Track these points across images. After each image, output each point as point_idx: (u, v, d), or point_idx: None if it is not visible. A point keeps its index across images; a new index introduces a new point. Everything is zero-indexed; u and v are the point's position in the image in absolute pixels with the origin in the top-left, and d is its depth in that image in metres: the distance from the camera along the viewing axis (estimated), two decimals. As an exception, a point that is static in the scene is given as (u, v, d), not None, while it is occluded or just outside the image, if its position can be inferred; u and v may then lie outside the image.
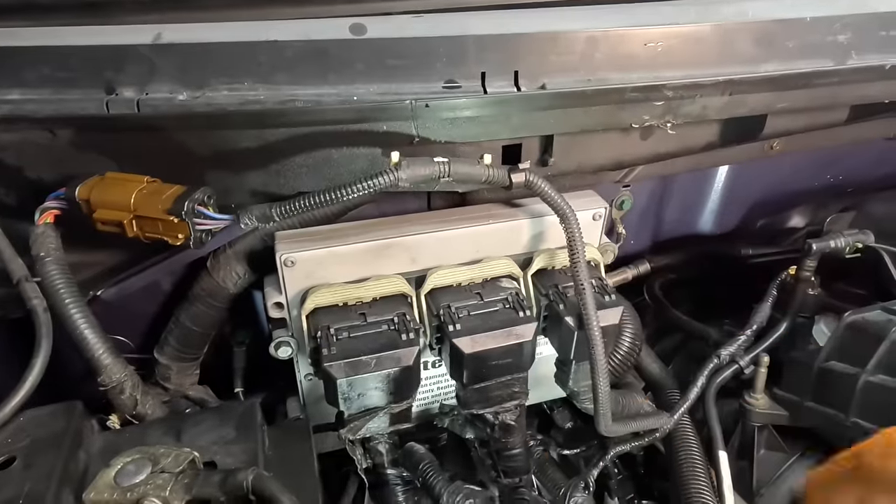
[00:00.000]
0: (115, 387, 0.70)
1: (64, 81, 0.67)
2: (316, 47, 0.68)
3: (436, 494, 0.68)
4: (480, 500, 0.64)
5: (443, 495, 0.66)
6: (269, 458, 0.70)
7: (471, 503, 0.63)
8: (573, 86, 0.71)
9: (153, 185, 0.69)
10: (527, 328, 0.75)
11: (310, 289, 0.76)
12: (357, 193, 0.64)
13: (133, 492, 0.57)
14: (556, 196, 0.72)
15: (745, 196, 1.14)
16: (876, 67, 0.77)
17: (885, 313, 0.90)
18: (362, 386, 0.71)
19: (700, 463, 0.89)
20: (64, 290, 0.68)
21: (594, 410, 0.77)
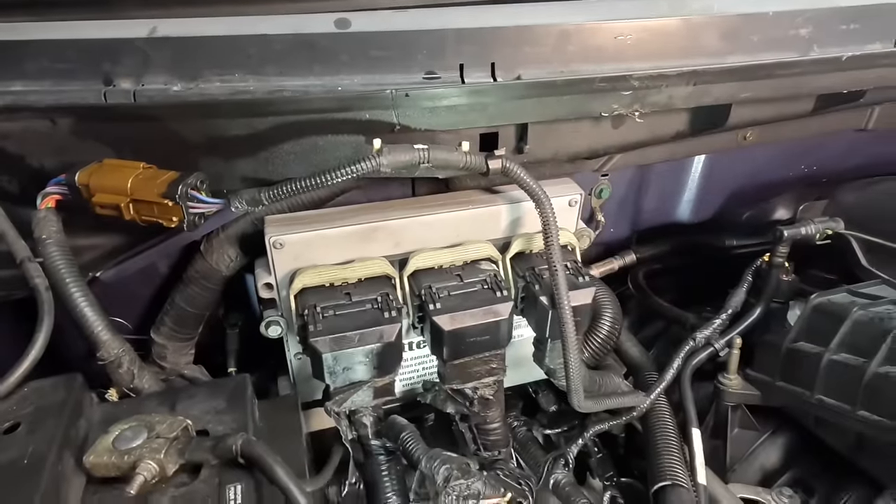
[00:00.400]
0: (113, 361, 0.74)
1: (64, 73, 0.71)
2: (303, 40, 0.71)
3: (414, 461, 0.71)
4: (456, 466, 0.68)
5: (421, 460, 0.70)
6: (259, 428, 0.74)
7: (447, 467, 0.67)
8: (546, 76, 0.75)
9: (149, 170, 0.73)
10: (504, 307, 0.79)
11: (298, 270, 0.80)
12: (341, 178, 0.68)
13: (130, 455, 0.61)
14: (530, 181, 0.76)
15: (722, 186, 1.18)
16: (834, 59, 0.81)
17: (849, 295, 0.95)
18: (347, 360, 0.75)
19: (674, 439, 0.92)
20: (65, 270, 0.71)
21: (566, 387, 0.81)
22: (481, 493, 0.68)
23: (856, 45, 0.83)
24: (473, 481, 0.66)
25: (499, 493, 0.68)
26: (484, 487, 0.66)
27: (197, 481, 0.62)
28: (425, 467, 0.69)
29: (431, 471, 0.68)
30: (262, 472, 0.60)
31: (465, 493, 0.66)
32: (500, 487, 0.68)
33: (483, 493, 0.68)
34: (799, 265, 1.11)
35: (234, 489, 0.61)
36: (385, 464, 0.79)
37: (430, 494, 0.69)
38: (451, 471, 0.67)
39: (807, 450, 0.98)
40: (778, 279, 1.08)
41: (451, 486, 0.65)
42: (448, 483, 0.66)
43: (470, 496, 0.67)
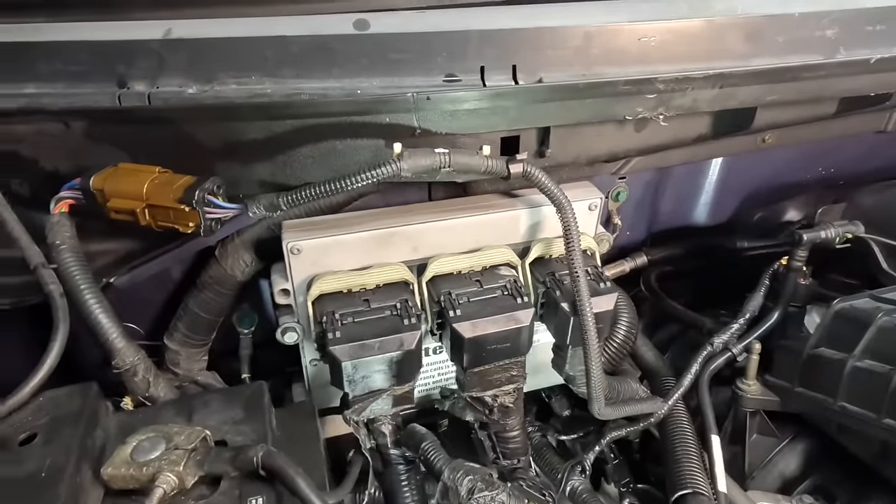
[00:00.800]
0: (129, 369, 0.73)
1: (77, 75, 0.70)
2: (321, 42, 0.70)
3: (437, 472, 0.70)
4: (480, 477, 0.66)
5: (444, 471, 0.69)
6: (277, 437, 0.73)
7: (471, 479, 0.66)
8: (569, 79, 0.73)
9: (164, 175, 0.72)
10: (524, 314, 0.78)
11: (315, 276, 0.78)
12: (361, 183, 0.67)
13: (148, 467, 0.60)
14: (552, 186, 0.75)
15: (739, 188, 1.17)
16: (862, 61, 0.79)
17: (872, 301, 0.93)
18: (366, 368, 0.73)
19: (693, 447, 0.91)
20: (79, 276, 0.70)
21: (587, 394, 0.80)
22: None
23: (883, 47, 0.81)
24: (498, 493, 0.65)
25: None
26: (508, 499, 0.65)
27: (217, 494, 0.61)
28: (448, 478, 0.68)
29: (455, 482, 0.67)
30: (284, 484, 0.59)
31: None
32: (525, 499, 0.67)
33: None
34: (816, 269, 1.10)
35: (255, 502, 0.60)
36: (404, 473, 0.78)
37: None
38: (475, 482, 0.66)
39: (827, 457, 0.97)
40: (796, 283, 1.07)
41: (475, 499, 0.64)
42: (472, 495, 0.64)
43: None
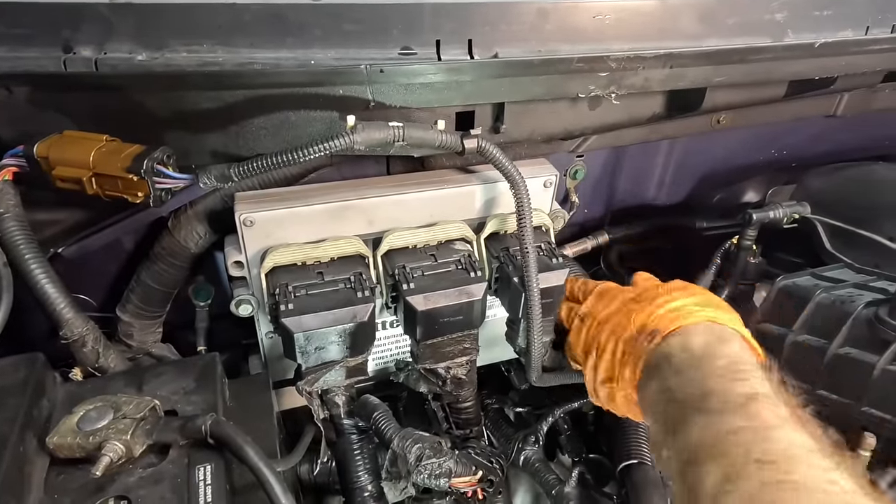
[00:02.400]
0: (77, 340, 0.72)
1: (20, 39, 0.67)
2: (274, 11, 0.69)
3: (387, 440, 0.72)
4: (428, 445, 0.68)
5: (393, 440, 0.70)
6: (230, 408, 0.73)
7: (419, 447, 0.68)
8: (524, 55, 0.74)
9: (112, 143, 0.70)
10: (477, 287, 0.79)
11: (269, 248, 0.78)
12: (313, 155, 0.67)
13: (95, 436, 0.60)
14: (506, 162, 0.75)
15: (695, 169, 1.19)
16: (807, 45, 0.82)
17: (813, 278, 0.97)
18: (319, 340, 0.74)
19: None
20: (24, 245, 0.69)
21: (526, 362, 0.82)
22: (453, 472, 0.69)
23: (829, 32, 0.83)
24: (445, 460, 0.67)
25: (470, 471, 0.69)
26: (455, 466, 0.67)
27: (165, 462, 0.62)
28: (397, 446, 0.69)
29: (404, 450, 0.68)
30: (232, 452, 0.60)
31: (436, 471, 0.67)
32: (472, 466, 0.69)
33: (455, 471, 0.69)
34: (766, 248, 1.14)
35: (203, 470, 0.61)
36: (357, 443, 0.79)
37: (401, 473, 0.69)
38: (423, 450, 0.67)
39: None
40: (745, 261, 1.11)
41: (423, 465, 0.66)
42: (420, 462, 0.66)
43: (441, 474, 0.67)
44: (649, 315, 0.69)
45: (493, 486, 0.75)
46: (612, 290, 0.79)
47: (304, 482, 0.88)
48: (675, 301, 0.70)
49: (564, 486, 0.90)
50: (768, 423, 0.52)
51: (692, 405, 0.57)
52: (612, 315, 0.74)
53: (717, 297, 0.73)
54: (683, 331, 0.66)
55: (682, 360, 0.63)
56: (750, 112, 1.04)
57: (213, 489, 0.59)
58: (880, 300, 0.86)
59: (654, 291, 0.73)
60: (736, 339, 0.65)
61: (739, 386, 0.57)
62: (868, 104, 1.14)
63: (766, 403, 0.55)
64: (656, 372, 0.64)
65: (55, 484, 0.60)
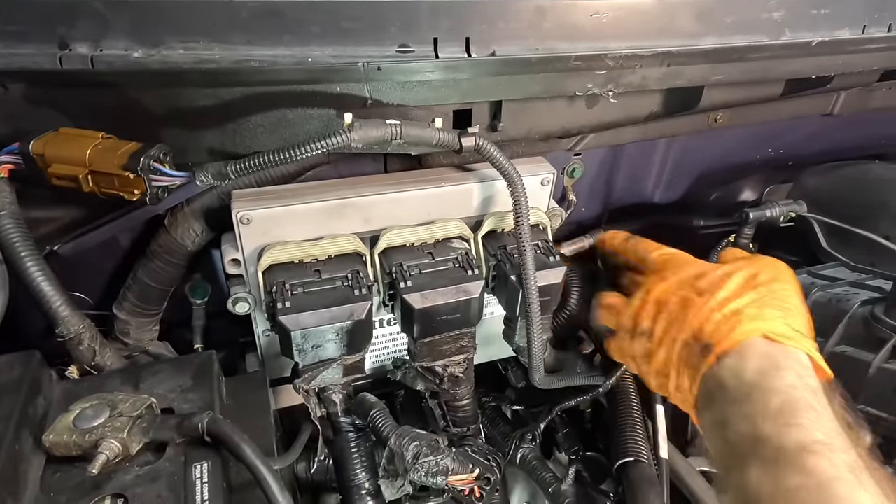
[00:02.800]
0: (74, 338, 0.72)
1: (15, 35, 0.67)
2: (271, 8, 0.68)
3: (384, 438, 0.72)
4: (425, 443, 0.68)
5: (390, 437, 0.70)
6: (227, 406, 0.73)
7: (416, 445, 0.68)
8: (521, 53, 0.74)
9: (108, 141, 0.70)
10: (474, 286, 0.79)
11: (266, 246, 0.78)
12: (310, 153, 0.66)
13: (91, 434, 0.60)
14: (503, 160, 0.75)
15: (692, 167, 1.19)
16: (804, 44, 0.82)
17: (809, 277, 0.98)
18: (316, 338, 0.74)
19: (637, 416, 0.95)
20: (19, 243, 0.68)
21: (528, 364, 0.82)
22: (450, 469, 0.69)
23: (826, 31, 0.83)
24: (442, 458, 0.67)
25: (467, 469, 0.69)
26: (452, 464, 0.67)
27: (162, 460, 0.62)
28: (394, 444, 0.70)
29: (401, 448, 0.68)
30: (229, 450, 0.60)
31: (433, 469, 0.67)
32: (469, 464, 0.69)
33: (451, 469, 0.69)
34: (763, 246, 1.14)
35: (200, 468, 0.61)
36: (354, 441, 0.79)
37: (398, 471, 0.69)
38: (419, 448, 0.67)
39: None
40: (742, 260, 1.11)
41: (420, 463, 0.66)
42: (417, 460, 0.66)
43: (438, 472, 0.67)
44: (706, 319, 0.66)
45: (490, 484, 0.75)
46: (676, 261, 0.75)
47: (301, 480, 0.88)
48: (733, 302, 0.66)
49: (561, 484, 0.90)
50: (827, 478, 0.50)
51: (746, 448, 0.56)
52: (669, 298, 0.71)
53: (782, 288, 0.69)
54: (739, 350, 0.63)
55: (735, 389, 0.60)
56: (747, 110, 1.04)
57: (210, 487, 0.59)
58: (876, 298, 0.86)
59: (717, 280, 0.70)
60: (792, 363, 0.61)
61: (794, 432, 0.54)
62: (865, 103, 1.14)
63: (823, 454, 0.52)
64: (710, 402, 0.63)
65: (51, 482, 0.60)
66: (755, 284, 0.69)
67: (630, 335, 0.75)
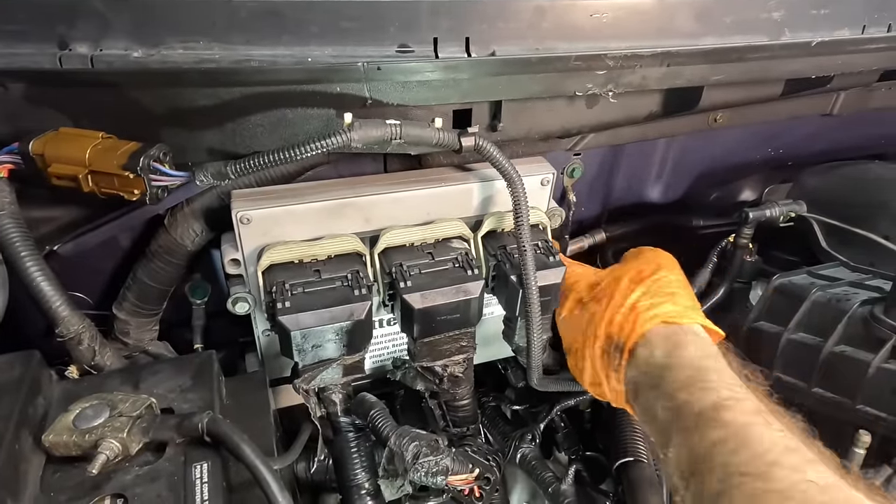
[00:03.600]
0: (73, 338, 0.72)
1: (15, 35, 0.67)
2: (271, 8, 0.68)
3: (384, 438, 0.72)
4: (425, 443, 0.68)
5: (390, 437, 0.70)
6: (226, 406, 0.73)
7: (416, 445, 0.68)
8: (521, 53, 0.74)
9: (108, 141, 0.70)
10: (474, 286, 0.79)
11: (266, 246, 0.78)
12: (310, 153, 0.67)
13: (91, 434, 0.60)
14: (503, 160, 0.75)
15: (691, 167, 1.20)
16: (804, 44, 0.82)
17: (809, 277, 0.98)
18: (316, 338, 0.74)
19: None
20: (19, 243, 0.68)
21: (527, 364, 0.82)
22: (450, 469, 0.69)
23: (825, 31, 0.84)
24: (442, 458, 0.67)
25: (467, 469, 0.69)
26: (452, 464, 0.67)
27: (161, 460, 0.62)
28: (394, 444, 0.70)
29: (400, 448, 0.68)
30: (229, 450, 0.60)
31: (433, 469, 0.67)
32: (469, 464, 0.69)
33: (451, 469, 0.69)
34: (763, 246, 1.14)
35: (200, 468, 0.61)
36: (354, 441, 0.79)
37: (398, 471, 0.69)
38: (419, 448, 0.67)
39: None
40: (742, 260, 1.11)
41: (420, 463, 0.66)
42: (417, 460, 0.66)
43: (438, 472, 0.67)
44: (610, 321, 0.73)
45: (490, 483, 0.75)
46: (572, 277, 0.82)
47: (301, 480, 0.88)
48: (628, 299, 0.73)
49: (561, 484, 0.90)
50: (741, 425, 0.56)
51: (670, 425, 0.61)
52: (575, 316, 0.79)
53: (665, 276, 0.76)
54: (645, 341, 0.69)
55: (650, 375, 0.67)
56: (747, 110, 1.04)
57: (210, 487, 0.59)
58: (875, 298, 0.86)
59: (609, 285, 0.77)
60: (691, 338, 0.68)
61: (706, 396, 0.60)
62: (864, 103, 1.14)
63: (734, 407, 0.58)
64: (636, 393, 0.69)
65: (51, 482, 0.60)
66: (641, 279, 0.75)
67: (569, 361, 0.81)
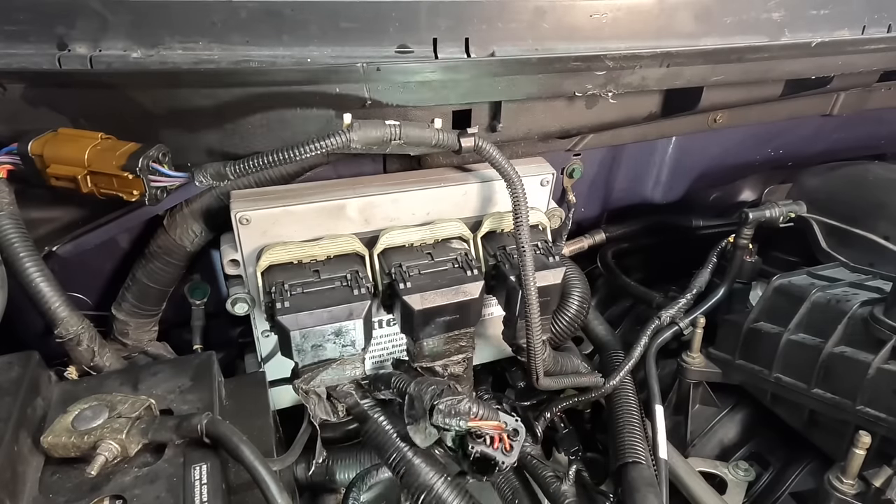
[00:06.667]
0: (72, 339, 0.72)
1: (14, 36, 0.67)
2: (270, 8, 0.68)
3: (404, 389, 0.70)
4: (444, 385, 0.67)
5: (410, 385, 0.70)
6: (226, 407, 0.73)
7: (434, 388, 0.66)
8: (521, 54, 0.74)
9: (107, 141, 0.70)
10: (474, 286, 0.79)
11: (265, 247, 0.78)
12: (310, 153, 0.67)
13: (90, 435, 0.60)
14: (503, 161, 0.75)
15: (691, 167, 1.20)
16: (804, 44, 0.82)
17: (809, 277, 0.97)
18: (315, 338, 0.74)
19: (636, 418, 0.95)
20: (18, 243, 0.68)
21: (528, 365, 0.82)
22: (471, 411, 0.66)
23: (825, 31, 0.84)
24: (462, 399, 0.66)
25: (496, 416, 0.67)
26: (476, 407, 0.65)
27: (161, 461, 0.61)
28: (413, 390, 0.69)
29: (419, 392, 0.67)
30: (228, 451, 0.60)
31: (454, 409, 0.64)
32: (497, 413, 0.67)
33: (474, 411, 0.66)
34: (762, 247, 1.14)
35: (199, 469, 0.60)
36: (384, 419, 0.75)
37: (418, 414, 0.68)
38: (437, 390, 0.67)
39: (763, 425, 1.02)
40: (741, 260, 1.11)
41: (440, 402, 0.65)
42: (435, 400, 0.65)
43: (459, 413, 0.64)
44: None
45: (518, 436, 0.71)
46: None
47: (300, 481, 0.88)
48: None
49: (561, 484, 0.90)
50: None
51: None
52: None
53: None
54: None
55: None
56: (746, 111, 1.05)
57: (209, 488, 0.59)
58: (875, 299, 0.86)
59: None
60: None
61: None
62: (864, 103, 1.14)
63: None
64: None
65: (50, 483, 0.60)
66: None
67: None
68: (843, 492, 0.77)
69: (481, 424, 0.65)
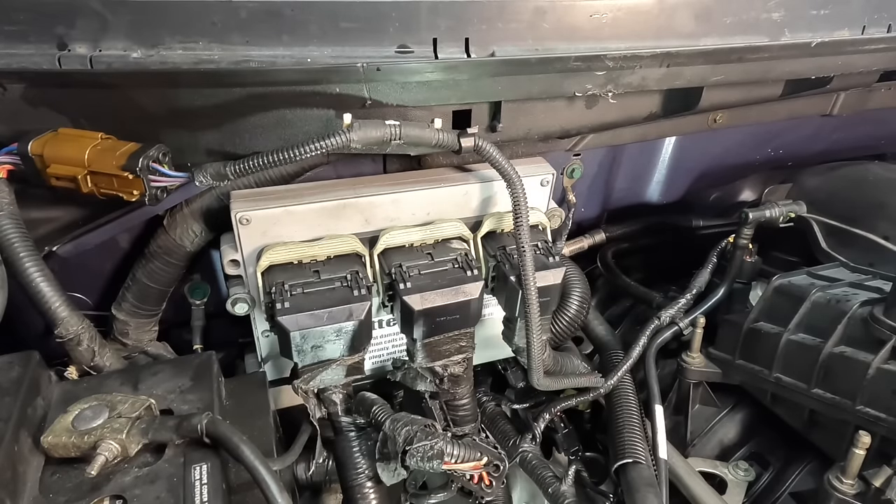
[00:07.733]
0: (73, 339, 0.72)
1: (14, 36, 0.67)
2: (270, 8, 0.68)
3: (380, 424, 0.71)
4: (419, 427, 0.67)
5: (385, 422, 0.70)
6: (226, 407, 0.73)
7: (408, 430, 0.67)
8: (521, 54, 0.74)
9: (107, 141, 0.70)
10: (474, 286, 0.79)
11: (265, 247, 0.78)
12: (310, 154, 0.67)
13: (90, 435, 0.60)
14: (503, 161, 0.75)
15: (691, 167, 1.20)
16: (804, 44, 0.82)
17: (809, 277, 0.97)
18: (315, 339, 0.74)
19: (636, 418, 0.95)
20: (18, 243, 0.68)
21: (528, 365, 0.82)
22: (445, 453, 0.66)
23: (825, 31, 0.84)
24: (436, 442, 0.66)
25: (475, 456, 0.68)
26: (453, 448, 0.66)
27: (161, 461, 0.61)
28: (388, 428, 0.69)
29: (393, 432, 0.68)
30: (228, 451, 0.60)
31: (428, 453, 0.65)
32: (477, 451, 0.68)
33: (451, 453, 0.66)
34: (762, 247, 1.14)
35: (199, 469, 0.60)
36: (355, 440, 0.79)
37: (391, 455, 0.68)
38: (412, 432, 0.67)
39: (763, 425, 1.02)
40: (741, 260, 1.11)
41: (416, 448, 0.65)
42: (410, 444, 0.65)
43: (434, 456, 0.65)
44: None
45: (499, 471, 0.72)
46: None
47: (301, 481, 0.87)
48: None
49: (561, 484, 0.90)
50: None
51: None
52: None
53: None
54: None
55: None
56: (746, 111, 1.04)
57: (210, 488, 0.59)
58: (875, 299, 0.86)
59: None
60: None
61: None
62: (864, 103, 1.14)
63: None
64: None
65: (50, 483, 0.60)
66: None
67: None
68: (842, 492, 0.77)
69: (458, 467, 0.66)
